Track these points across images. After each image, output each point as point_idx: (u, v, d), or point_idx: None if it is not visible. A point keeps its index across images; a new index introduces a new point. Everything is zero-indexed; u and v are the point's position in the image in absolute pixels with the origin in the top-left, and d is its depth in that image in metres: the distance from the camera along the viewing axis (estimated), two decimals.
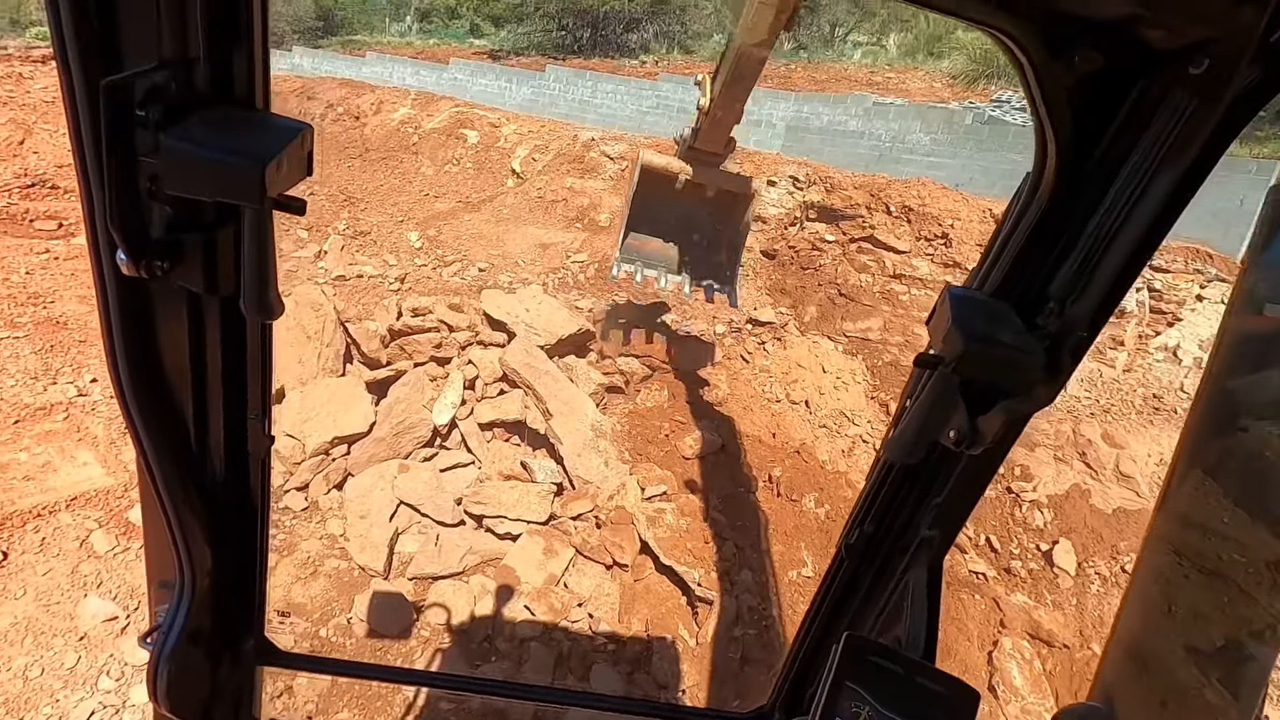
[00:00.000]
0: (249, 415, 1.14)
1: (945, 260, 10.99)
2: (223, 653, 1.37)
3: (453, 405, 7.10)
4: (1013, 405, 0.97)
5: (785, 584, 6.48)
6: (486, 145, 14.94)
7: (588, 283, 10.85)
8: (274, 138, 0.80)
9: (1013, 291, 1.00)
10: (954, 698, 1.13)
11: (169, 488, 1.06)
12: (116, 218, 0.76)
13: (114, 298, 0.88)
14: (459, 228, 12.64)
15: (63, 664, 4.67)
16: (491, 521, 6.28)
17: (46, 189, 10.85)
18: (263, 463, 1.23)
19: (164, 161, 0.75)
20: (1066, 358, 0.91)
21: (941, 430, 1.05)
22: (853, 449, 9.42)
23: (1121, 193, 0.87)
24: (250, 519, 1.29)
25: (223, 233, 0.88)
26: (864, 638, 1.20)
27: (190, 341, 1.00)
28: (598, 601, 5.84)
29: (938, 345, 1.00)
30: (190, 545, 1.12)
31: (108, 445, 6.23)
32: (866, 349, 10.40)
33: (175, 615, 1.15)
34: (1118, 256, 0.87)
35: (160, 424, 1.01)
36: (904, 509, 1.30)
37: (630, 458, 7.20)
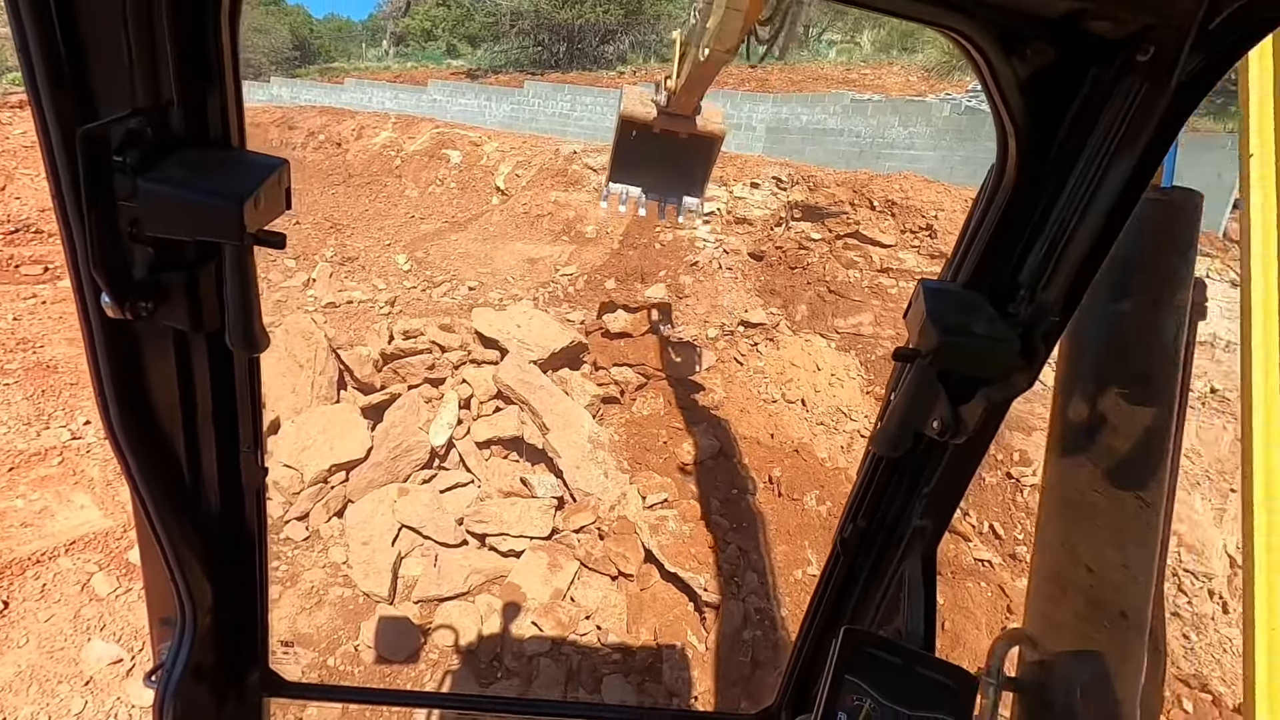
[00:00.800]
0: (241, 448, 1.15)
1: (931, 251, 11.06)
2: (228, 687, 1.38)
3: (449, 425, 7.09)
4: (992, 393, 0.98)
5: (791, 583, 6.47)
6: (469, 164, 14.98)
7: (577, 295, 10.87)
8: (251, 175, 0.82)
9: (985, 282, 1.02)
10: (954, 685, 1.15)
11: (164, 525, 1.06)
12: (99, 262, 0.77)
13: (100, 340, 0.88)
14: (446, 248, 12.66)
15: (69, 710, 4.63)
16: (494, 539, 6.27)
17: (30, 234, 10.84)
18: (258, 494, 1.23)
19: (143, 205, 0.76)
20: (1040, 343, 0.93)
21: (925, 421, 1.07)
22: (851, 444, 9.43)
23: (1082, 179, 0.89)
24: (249, 552, 1.29)
25: (205, 270, 0.89)
26: (862, 631, 1.22)
27: (178, 379, 1.01)
28: (605, 613, 5.83)
29: (914, 339, 1.02)
30: (189, 581, 1.13)
31: (104, 487, 6.20)
32: (859, 344, 10.43)
33: (178, 652, 1.16)
34: (1083, 241, 0.89)
35: (152, 462, 1.02)
36: (895, 501, 1.32)
37: (630, 467, 7.20)
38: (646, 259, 11.38)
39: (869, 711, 1.12)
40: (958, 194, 11.36)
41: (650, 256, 11.42)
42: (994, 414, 1.03)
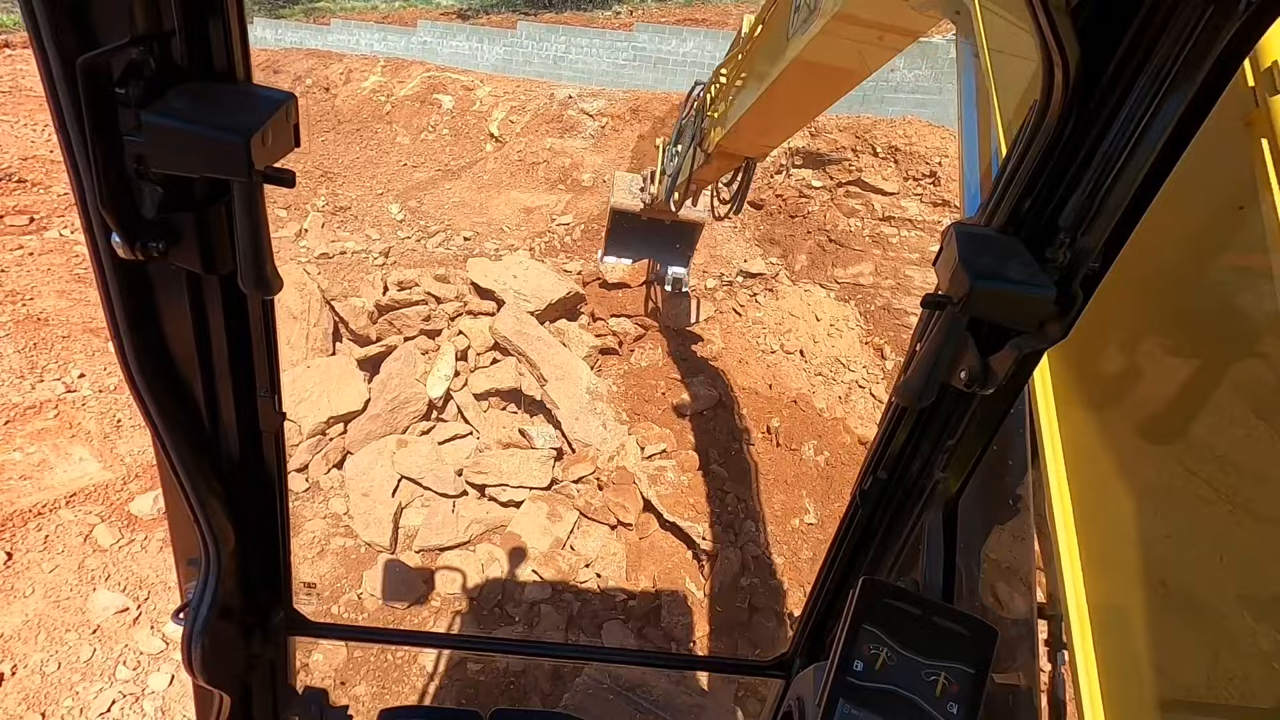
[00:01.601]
0: (258, 393, 1.14)
1: (934, 199, 10.86)
2: (253, 625, 1.41)
3: (446, 377, 7.05)
4: (1024, 342, 0.94)
5: (788, 531, 6.55)
6: (462, 110, 14.56)
7: (574, 245, 10.70)
8: (258, 109, 0.80)
9: (1021, 226, 0.97)
10: (973, 636, 1.13)
11: (185, 468, 1.07)
12: (107, 200, 0.76)
13: (114, 282, 0.87)
14: (440, 197, 12.41)
15: (78, 657, 4.71)
16: (494, 490, 6.30)
17: (13, 183, 10.57)
18: (276, 439, 1.24)
19: (147, 139, 0.75)
20: (1078, 291, 0.88)
21: (952, 372, 1.04)
22: (849, 395, 9.44)
23: (1134, 114, 0.83)
24: (269, 494, 1.30)
25: (215, 210, 0.87)
26: (881, 581, 1.19)
27: (193, 322, 1.00)
28: (604, 561, 5.90)
29: (944, 285, 0.98)
30: (212, 523, 1.14)
31: (101, 440, 6.19)
32: (859, 294, 10.34)
33: (204, 591, 1.18)
34: (1131, 182, 0.83)
35: (171, 405, 1.02)
36: (917, 453, 1.29)
37: (628, 418, 7.20)
38: None
39: (886, 660, 1.11)
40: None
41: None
42: (1024, 365, 0.98)
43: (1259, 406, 1.14)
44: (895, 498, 1.37)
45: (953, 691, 1.09)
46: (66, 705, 4.47)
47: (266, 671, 1.52)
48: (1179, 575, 1.14)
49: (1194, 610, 1.12)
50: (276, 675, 1.55)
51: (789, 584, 5.97)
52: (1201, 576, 1.13)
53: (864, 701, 1.09)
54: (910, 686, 1.10)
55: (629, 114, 13.14)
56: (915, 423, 1.24)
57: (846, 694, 1.10)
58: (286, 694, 1.61)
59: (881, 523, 1.42)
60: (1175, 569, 1.15)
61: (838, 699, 1.10)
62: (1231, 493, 1.10)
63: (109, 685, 4.60)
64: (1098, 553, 1.32)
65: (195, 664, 1.19)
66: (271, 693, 1.56)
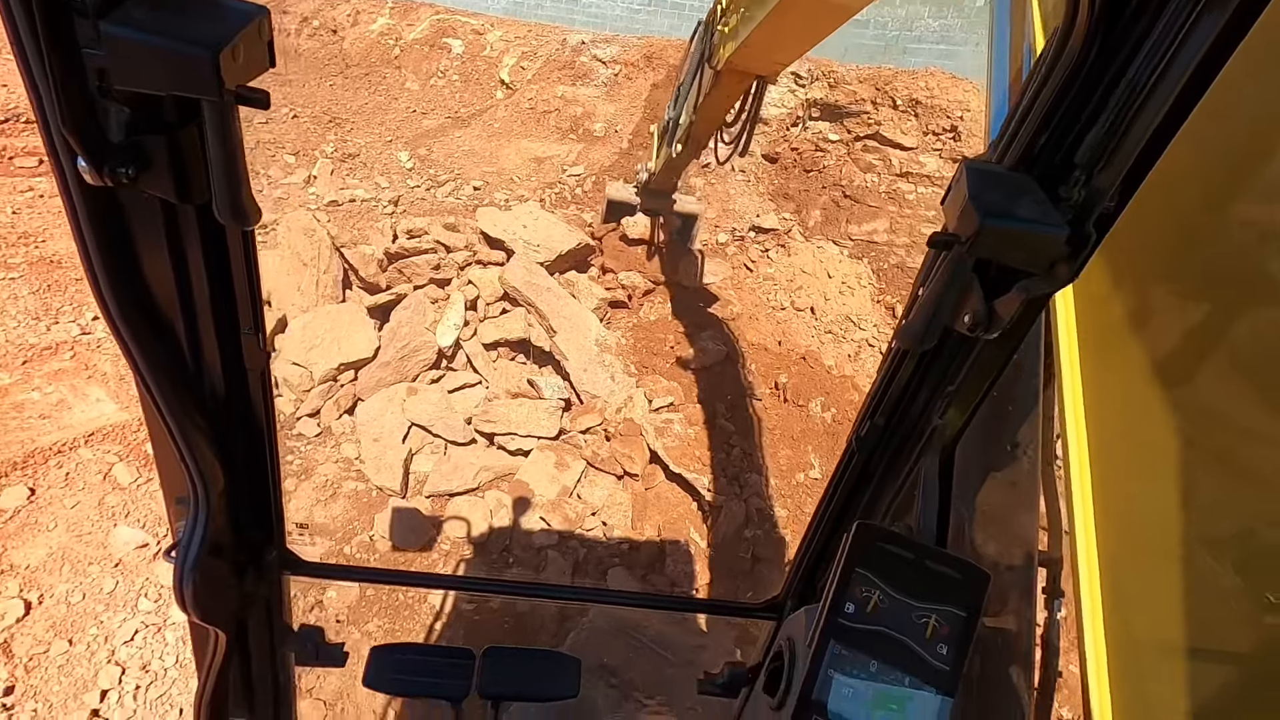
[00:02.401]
0: (242, 330, 1.11)
1: (954, 155, 10.61)
2: (245, 564, 1.41)
3: (456, 327, 7.07)
4: (1032, 285, 0.91)
5: (793, 485, 6.63)
6: (472, 55, 14.22)
7: (585, 196, 10.57)
8: (227, 22, 0.74)
9: (1036, 162, 0.93)
10: (965, 579, 1.14)
11: (168, 405, 1.04)
12: (69, 120, 0.71)
13: (83, 211, 0.83)
14: (450, 145, 12.22)
15: (101, 589, 4.88)
16: (502, 439, 6.38)
17: (21, 123, 10.48)
18: (262, 377, 1.22)
19: (108, 52, 0.70)
20: (1091, 230, 0.85)
21: (956, 315, 1.01)
22: (859, 353, 9.41)
23: (1161, 41, 0.78)
24: (256, 433, 1.29)
25: (188, 133, 0.82)
26: (875, 525, 1.19)
27: (170, 256, 0.96)
28: (610, 510, 6.00)
29: (953, 224, 0.95)
30: (198, 461, 1.12)
31: (118, 381, 6.28)
32: (872, 252, 10.21)
33: (193, 530, 1.17)
34: (1152, 117, 0.79)
35: (150, 341, 0.99)
36: (917, 398, 1.27)
37: (636, 370, 7.23)
38: None
39: (878, 602, 1.12)
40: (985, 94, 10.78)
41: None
42: (1030, 308, 0.96)
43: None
44: (892, 443, 1.36)
45: (943, 633, 1.10)
46: (92, 633, 4.66)
47: (261, 610, 1.53)
48: (1199, 529, 1.14)
49: (1212, 562, 1.12)
50: (272, 613, 1.56)
51: (792, 536, 6.07)
52: (1223, 531, 1.12)
53: (854, 642, 1.11)
54: (901, 628, 1.11)
55: (643, 61, 12.81)
56: (916, 367, 1.22)
57: (837, 635, 1.11)
58: (282, 631, 1.62)
59: (877, 468, 1.41)
60: (1196, 522, 1.15)
61: (829, 639, 1.11)
62: (1263, 446, 1.09)
63: (132, 616, 4.77)
64: (1114, 501, 1.32)
65: (187, 601, 1.19)
66: (267, 630, 1.57)
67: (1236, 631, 1.08)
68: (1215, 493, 1.16)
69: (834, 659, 1.10)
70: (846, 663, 1.10)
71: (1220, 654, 1.12)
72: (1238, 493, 1.13)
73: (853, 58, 11.97)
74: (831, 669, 1.10)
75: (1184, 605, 1.13)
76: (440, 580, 3.21)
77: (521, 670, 1.85)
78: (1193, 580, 1.13)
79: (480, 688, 1.76)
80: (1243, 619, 1.06)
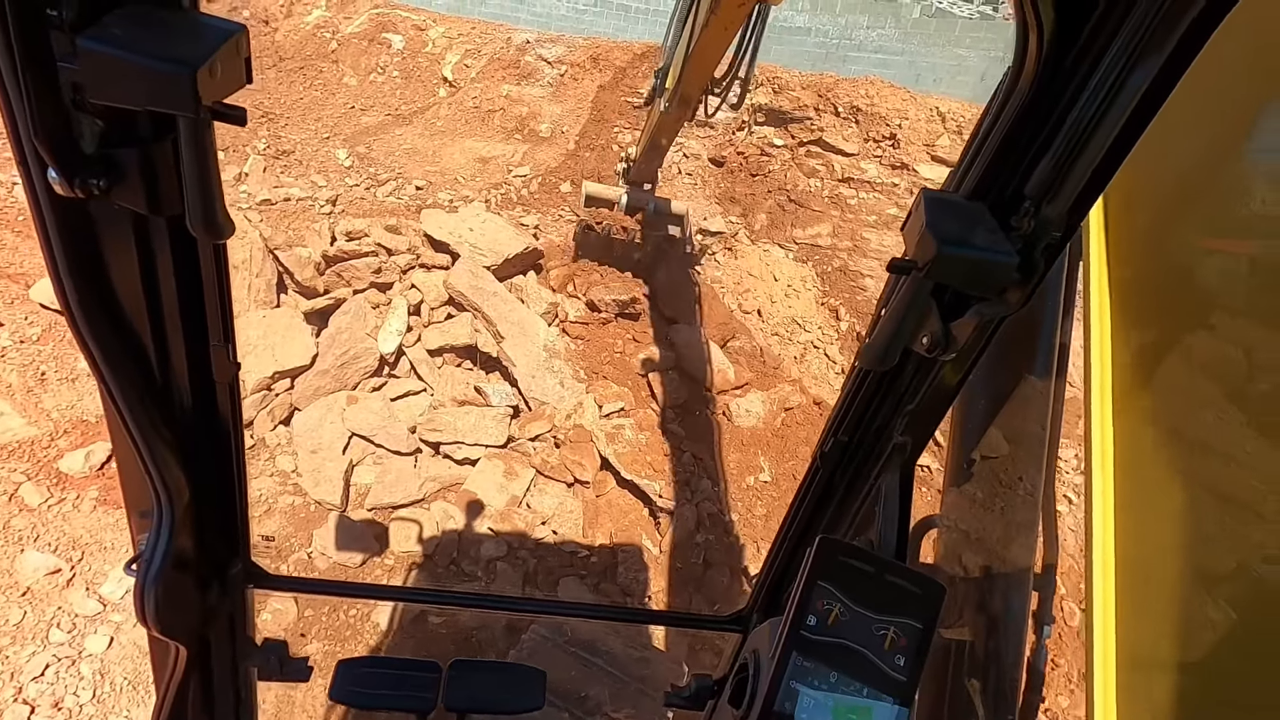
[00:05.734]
0: (212, 343, 1.11)
1: (893, 162, 10.90)
2: (210, 577, 1.39)
3: (398, 332, 6.85)
4: (985, 309, 0.97)
5: (743, 489, 6.66)
6: (413, 51, 13.86)
7: (532, 198, 10.42)
8: (205, 40, 0.75)
9: (989, 193, 0.98)
10: (922, 592, 1.18)
11: (134, 417, 1.04)
12: (41, 131, 0.71)
13: (52, 221, 0.82)
14: (391, 143, 11.87)
15: (7, 620, 4.50)
16: (448, 448, 6.20)
17: None
18: (231, 389, 1.21)
19: (84, 67, 0.70)
20: (1039, 259, 0.90)
21: (915, 336, 1.06)
22: (804, 355, 9.56)
23: (1103, 82, 0.84)
24: (224, 445, 1.28)
25: (161, 147, 0.82)
26: (837, 540, 1.22)
27: (140, 267, 0.96)
28: (561, 519, 5.90)
29: (911, 250, 0.99)
30: (163, 474, 1.12)
31: (25, 394, 5.83)
32: (816, 255, 10.39)
33: (155, 543, 1.16)
34: (1096, 152, 0.84)
35: (118, 353, 0.98)
36: (878, 416, 1.31)
37: (586, 376, 7.14)
38: (604, 161, 10.92)
39: (839, 615, 1.15)
40: (923, 102, 11.10)
41: (608, 159, 10.96)
42: (984, 331, 1.02)
43: None
44: (855, 459, 1.40)
45: (900, 645, 1.14)
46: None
47: (225, 624, 1.51)
48: (1224, 555, 1.16)
49: (1233, 587, 1.14)
50: (235, 627, 1.55)
51: (743, 540, 6.09)
52: (1251, 552, 1.14)
53: (816, 654, 1.13)
54: (860, 640, 1.14)
55: (589, 62, 12.73)
56: (877, 386, 1.27)
57: (799, 647, 1.14)
58: (246, 646, 1.61)
59: (840, 484, 1.46)
60: (1221, 551, 1.17)
61: (791, 651, 1.14)
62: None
63: (42, 649, 4.41)
64: (1135, 525, 1.34)
65: (149, 616, 1.18)
66: (230, 645, 1.55)
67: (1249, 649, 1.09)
68: (1237, 517, 1.18)
69: (796, 670, 1.13)
70: (808, 674, 1.13)
71: (1231, 673, 1.14)
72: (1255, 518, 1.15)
73: (796, 64, 12.17)
74: (794, 680, 1.13)
75: (1203, 629, 1.15)
76: (399, 593, 3.11)
77: (487, 683, 1.86)
78: (1211, 601, 1.14)
79: (446, 700, 1.76)
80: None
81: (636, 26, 13.89)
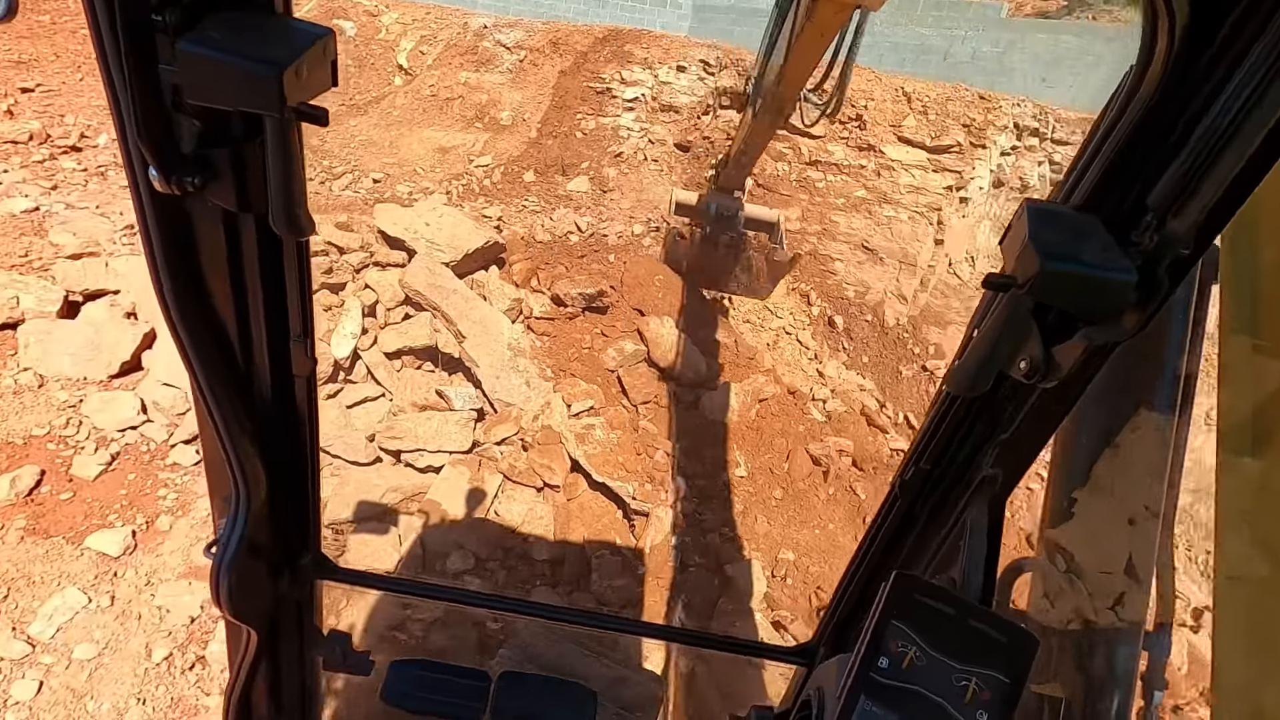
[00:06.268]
0: (291, 337, 1.14)
1: (860, 144, 10.76)
2: (282, 566, 1.44)
3: (353, 335, 6.52)
4: (1095, 333, 0.88)
5: (719, 485, 6.49)
6: (366, 38, 13.37)
7: (495, 188, 10.08)
8: (293, 43, 0.78)
9: (1104, 205, 0.89)
10: (1010, 642, 1.06)
11: (219, 406, 1.08)
12: (144, 132, 0.77)
13: (152, 216, 0.88)
14: (345, 134, 11.42)
15: None
16: (410, 456, 5.92)
17: None
18: (309, 383, 1.25)
19: (182, 69, 0.74)
20: (1163, 278, 0.81)
21: (1012, 361, 0.98)
22: (776, 342, 9.42)
23: (1245, 83, 0.74)
24: (299, 438, 1.33)
25: (251, 147, 0.86)
26: (914, 576, 1.12)
27: (229, 261, 1.00)
28: (531, 526, 5.68)
29: (1010, 265, 0.91)
30: (243, 462, 1.16)
31: None
32: (786, 239, 10.22)
33: (233, 528, 1.21)
34: (1235, 159, 0.74)
35: (205, 341, 1.03)
36: (965, 445, 1.21)
37: (553, 375, 6.89)
38: (568, 149, 10.61)
39: (914, 659, 1.05)
40: (887, 82, 10.97)
41: (572, 147, 10.65)
42: (1094, 358, 0.92)
43: None
44: (938, 490, 1.31)
45: (983, 699, 1.03)
46: None
47: (294, 612, 1.56)
48: None
49: None
50: (304, 616, 1.60)
51: (720, 540, 5.93)
52: None
53: (886, 699, 1.05)
54: (937, 689, 1.04)
55: (549, 47, 12.35)
56: (966, 412, 1.17)
57: (869, 690, 1.05)
58: (313, 635, 1.66)
59: (921, 516, 1.37)
60: None
61: (859, 694, 1.05)
62: None
63: None
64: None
65: (223, 598, 1.23)
66: (298, 632, 1.60)
67: None
68: None
69: (864, 715, 1.04)
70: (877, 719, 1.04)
71: None
72: None
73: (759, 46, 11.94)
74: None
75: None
76: (472, 597, 2.95)
77: (536, 697, 1.83)
78: None
79: (493, 711, 1.76)
80: None
81: (598, 10, 13.56)
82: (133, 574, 4.69)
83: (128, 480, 5.23)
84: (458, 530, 5.46)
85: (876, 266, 10.40)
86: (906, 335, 10.02)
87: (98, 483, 5.14)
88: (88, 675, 4.15)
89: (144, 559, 4.79)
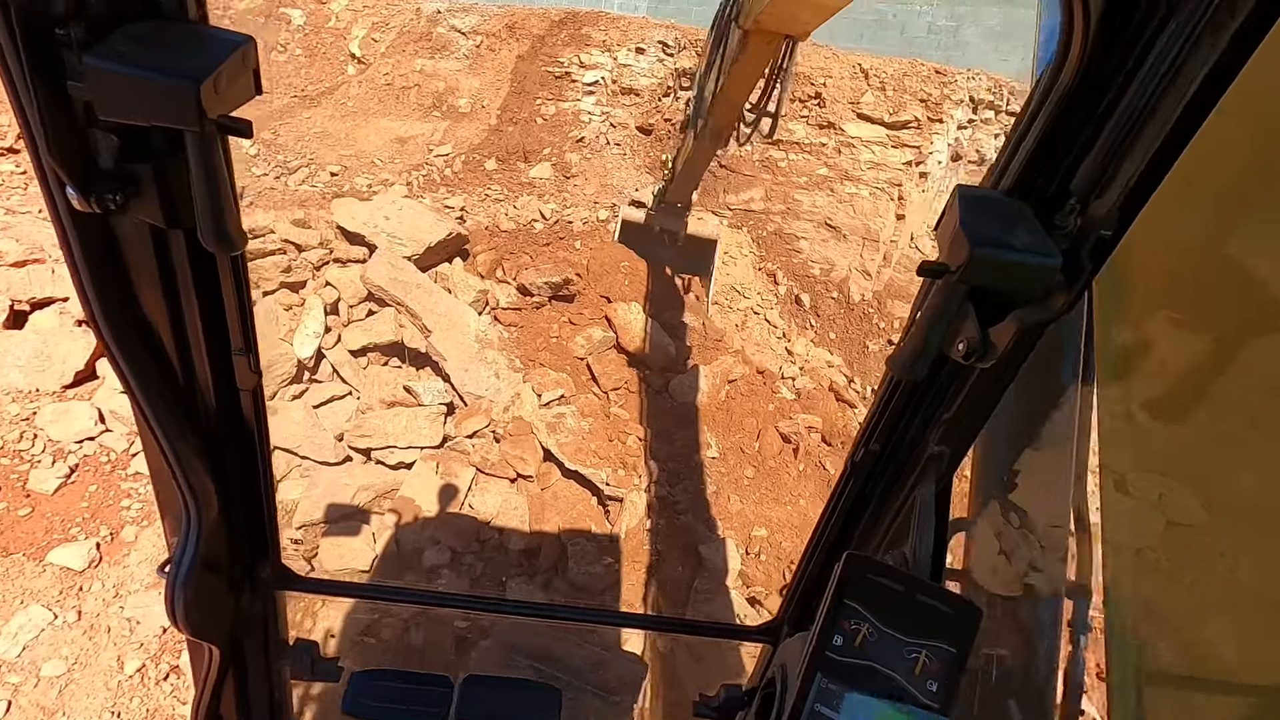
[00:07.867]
0: (233, 351, 1.12)
1: (820, 121, 10.80)
2: (241, 580, 1.43)
3: (316, 335, 6.42)
4: (1027, 314, 0.92)
5: (691, 467, 6.56)
6: (316, 26, 13.00)
7: (456, 178, 9.94)
8: (210, 52, 0.76)
9: (1030, 190, 0.93)
10: (956, 615, 1.13)
11: (161, 423, 1.06)
12: (54, 149, 0.74)
13: (74, 235, 0.85)
14: (299, 127, 11.14)
15: None
16: (380, 453, 5.89)
17: None
18: (255, 396, 1.23)
19: (91, 85, 0.72)
20: (1087, 260, 0.85)
21: (950, 343, 1.02)
22: (745, 322, 9.48)
23: (1156, 69, 0.77)
24: (249, 451, 1.30)
25: (176, 161, 0.83)
26: (865, 556, 1.17)
27: (162, 278, 0.98)
28: (506, 517, 5.69)
29: (944, 252, 0.94)
30: (190, 479, 1.14)
31: None
32: (750, 220, 10.27)
33: (185, 545, 1.19)
34: (1150, 143, 0.78)
35: (144, 361, 1.01)
36: (911, 426, 1.27)
37: (522, 365, 6.88)
38: (529, 135, 10.49)
39: (866, 635, 1.11)
40: (845, 59, 11.00)
41: (532, 133, 10.53)
42: (1027, 338, 0.96)
43: None
44: (888, 470, 1.36)
45: (933, 669, 1.09)
46: None
47: (257, 625, 1.55)
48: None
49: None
50: (268, 628, 1.59)
51: (694, 521, 6.00)
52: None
53: (842, 676, 1.09)
54: (889, 663, 1.10)
55: (505, 31, 12.15)
56: (910, 394, 1.22)
57: (825, 668, 1.10)
58: (278, 646, 1.65)
59: (873, 495, 1.42)
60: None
61: (815, 672, 1.10)
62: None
63: None
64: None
65: (179, 617, 1.21)
66: (263, 645, 1.60)
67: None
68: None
69: (821, 692, 1.08)
70: (834, 696, 1.09)
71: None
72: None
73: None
74: (819, 702, 1.08)
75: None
76: (439, 598, 2.98)
77: (500, 699, 1.84)
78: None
79: (458, 716, 1.76)
80: None
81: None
82: (99, 587, 4.62)
83: (89, 492, 5.12)
84: (432, 525, 5.46)
85: (840, 243, 10.49)
86: (872, 310, 10.16)
87: (57, 496, 5.03)
88: (58, 692, 4.10)
89: (110, 571, 4.72)
